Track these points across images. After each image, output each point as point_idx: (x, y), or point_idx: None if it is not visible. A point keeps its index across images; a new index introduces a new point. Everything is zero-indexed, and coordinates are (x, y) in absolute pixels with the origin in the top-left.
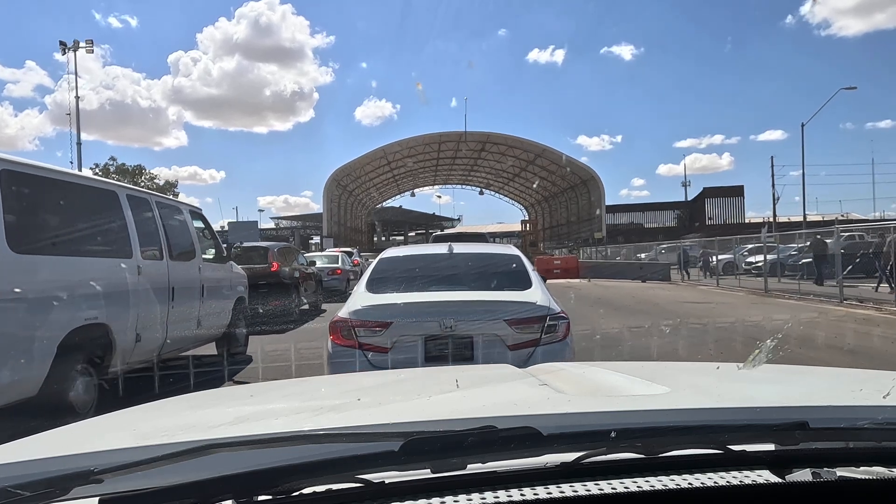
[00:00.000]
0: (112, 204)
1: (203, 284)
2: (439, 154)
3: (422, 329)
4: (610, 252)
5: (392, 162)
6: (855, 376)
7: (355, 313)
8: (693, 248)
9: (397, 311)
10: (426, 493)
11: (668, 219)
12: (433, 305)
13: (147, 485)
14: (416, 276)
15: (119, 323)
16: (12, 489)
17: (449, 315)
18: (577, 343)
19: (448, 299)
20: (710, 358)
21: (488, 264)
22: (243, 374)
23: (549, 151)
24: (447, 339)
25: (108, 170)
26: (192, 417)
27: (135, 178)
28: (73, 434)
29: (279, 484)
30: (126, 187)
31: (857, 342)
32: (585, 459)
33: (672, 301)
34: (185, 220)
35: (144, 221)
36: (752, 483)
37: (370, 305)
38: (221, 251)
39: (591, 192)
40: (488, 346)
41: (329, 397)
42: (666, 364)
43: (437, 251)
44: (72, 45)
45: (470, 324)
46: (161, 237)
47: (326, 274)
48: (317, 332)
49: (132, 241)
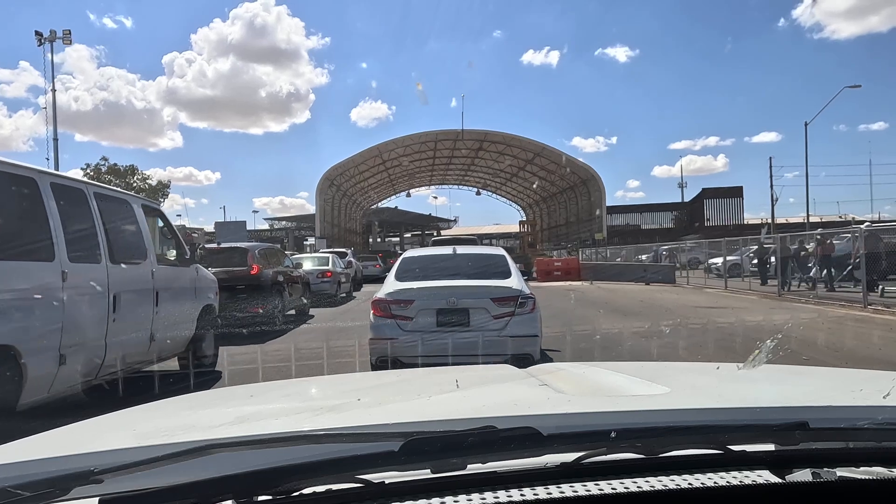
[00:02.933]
0: (29, 194)
1: (157, 291)
2: (435, 153)
3: (435, 304)
4: (610, 253)
5: (387, 161)
6: (855, 376)
7: (389, 294)
8: (695, 250)
9: (418, 292)
10: (426, 494)
11: (666, 220)
12: (442, 289)
13: (147, 485)
14: (430, 269)
15: (32, 343)
16: (12, 489)
17: (453, 295)
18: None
19: (452, 285)
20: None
21: (481, 261)
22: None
23: (548, 150)
24: (452, 311)
25: (99, 170)
26: (192, 417)
27: (126, 178)
28: (73, 434)
29: (279, 484)
30: (50, 173)
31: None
32: (585, 459)
33: (683, 305)
34: (136, 217)
35: (75, 216)
36: (752, 483)
37: (399, 289)
38: (185, 253)
39: (591, 192)
40: (479, 315)
41: (329, 397)
42: (666, 364)
43: (444, 252)
44: (48, 36)
45: (467, 300)
46: (99, 236)
47: (316, 277)
48: (302, 338)
49: (55, 240)
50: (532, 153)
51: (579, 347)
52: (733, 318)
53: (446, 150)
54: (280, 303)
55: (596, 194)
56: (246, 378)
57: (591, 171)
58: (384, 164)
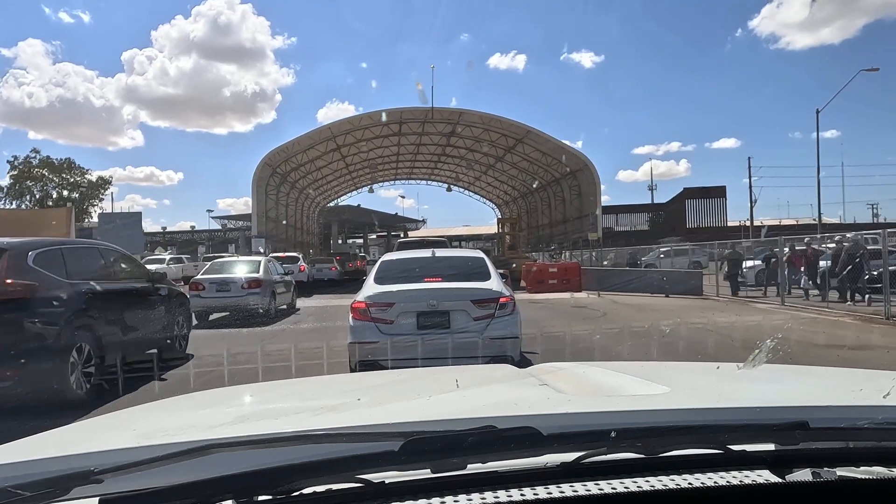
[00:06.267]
0: None
1: None
2: (400, 140)
3: (415, 306)
4: (605, 256)
5: (343, 147)
6: (855, 376)
7: (369, 297)
8: (698, 252)
9: (398, 295)
10: (426, 493)
11: (640, 222)
12: (422, 291)
13: (147, 485)
14: (409, 271)
15: None
16: (12, 489)
17: (433, 297)
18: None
19: (432, 287)
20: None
21: (460, 263)
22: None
23: (534, 134)
24: (432, 313)
25: (29, 163)
26: (192, 417)
27: (62, 173)
28: (73, 434)
29: (279, 484)
30: None
31: None
32: (585, 459)
33: (805, 342)
34: None
35: None
36: (752, 483)
37: (379, 292)
38: None
39: (581, 185)
40: (459, 317)
41: (329, 397)
42: (666, 364)
43: (423, 255)
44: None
45: (447, 303)
46: None
47: (240, 287)
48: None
49: None
50: (514, 139)
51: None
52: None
53: (413, 136)
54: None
55: (589, 188)
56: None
57: (584, 159)
58: (340, 151)
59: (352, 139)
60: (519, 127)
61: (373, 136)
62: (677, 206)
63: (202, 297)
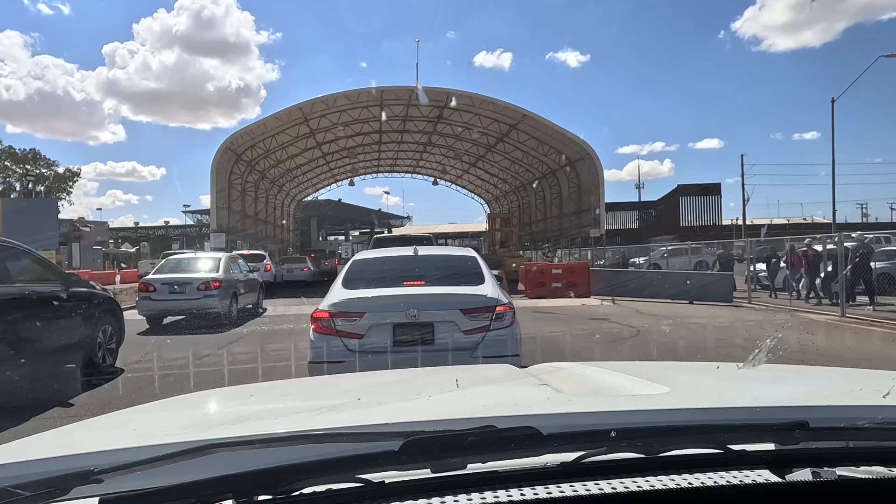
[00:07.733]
0: None
1: None
2: (381, 127)
3: (391, 317)
4: (602, 255)
5: (318, 132)
6: (855, 376)
7: (334, 305)
8: (702, 251)
9: (369, 303)
10: (426, 493)
11: (629, 220)
12: (400, 298)
13: (147, 485)
14: (385, 274)
15: None
16: (12, 489)
17: (413, 306)
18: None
19: (412, 293)
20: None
21: (448, 263)
22: None
23: (531, 118)
24: (412, 326)
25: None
26: (192, 417)
27: (26, 164)
28: (73, 434)
29: (279, 484)
30: None
31: None
32: (585, 459)
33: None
34: None
35: None
36: (752, 483)
37: (346, 299)
38: None
39: (581, 177)
40: (445, 331)
41: (329, 397)
42: (666, 364)
43: (403, 253)
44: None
45: (431, 312)
46: None
47: (197, 289)
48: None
49: None
50: (508, 125)
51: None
52: None
53: (396, 122)
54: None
55: (590, 179)
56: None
57: (586, 146)
58: (315, 138)
59: (327, 122)
60: (514, 111)
61: (350, 119)
62: (670, 203)
63: (153, 300)
